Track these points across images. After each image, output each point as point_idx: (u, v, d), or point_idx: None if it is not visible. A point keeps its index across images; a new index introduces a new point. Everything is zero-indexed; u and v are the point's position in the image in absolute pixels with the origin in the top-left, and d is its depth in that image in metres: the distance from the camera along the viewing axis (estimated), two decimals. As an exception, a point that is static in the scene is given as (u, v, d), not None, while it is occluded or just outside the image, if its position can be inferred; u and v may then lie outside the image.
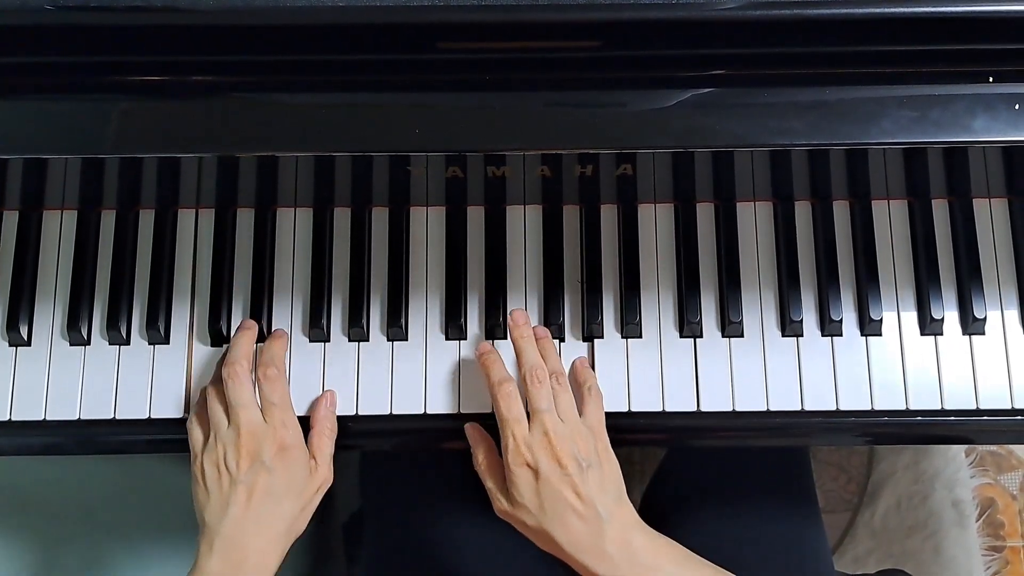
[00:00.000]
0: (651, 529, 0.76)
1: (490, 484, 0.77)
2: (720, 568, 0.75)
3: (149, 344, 0.83)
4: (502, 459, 0.76)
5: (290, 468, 0.76)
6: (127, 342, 0.83)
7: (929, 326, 0.82)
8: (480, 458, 0.78)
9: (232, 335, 0.83)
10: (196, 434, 0.78)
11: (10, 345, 0.83)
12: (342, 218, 0.86)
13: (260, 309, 0.83)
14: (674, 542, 0.75)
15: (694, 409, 0.81)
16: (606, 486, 0.74)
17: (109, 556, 1.02)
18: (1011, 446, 1.54)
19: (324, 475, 0.79)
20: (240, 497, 0.74)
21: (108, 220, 0.86)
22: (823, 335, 0.82)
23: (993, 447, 1.55)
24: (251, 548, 0.73)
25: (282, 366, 0.80)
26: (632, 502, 0.77)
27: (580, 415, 0.77)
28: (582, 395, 0.79)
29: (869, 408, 0.81)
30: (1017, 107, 0.63)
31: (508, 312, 0.82)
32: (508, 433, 0.75)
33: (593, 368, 0.82)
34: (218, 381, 0.78)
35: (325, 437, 0.79)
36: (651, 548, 0.74)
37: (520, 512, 0.74)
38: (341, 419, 0.82)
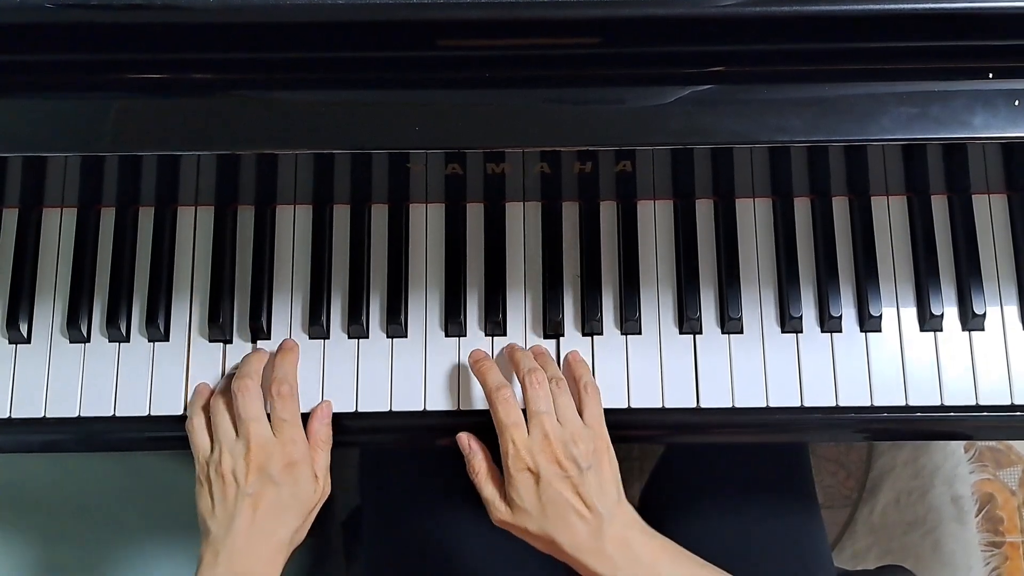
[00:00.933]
0: (649, 528, 0.76)
1: (487, 493, 0.77)
2: (717, 568, 0.75)
3: (149, 341, 0.83)
4: (497, 466, 0.77)
5: (296, 483, 0.76)
6: (127, 339, 0.83)
7: (929, 322, 0.82)
8: (476, 467, 0.78)
9: (232, 333, 0.84)
10: (201, 440, 0.78)
11: (10, 343, 0.83)
12: (341, 215, 0.85)
13: (259, 306, 0.83)
14: (671, 541, 0.76)
15: (694, 406, 0.81)
16: (606, 487, 0.75)
17: (109, 553, 1.02)
18: (1010, 442, 1.55)
19: (324, 488, 0.80)
20: (246, 510, 0.74)
21: (108, 218, 0.86)
22: (823, 331, 0.82)
23: (992, 443, 1.55)
24: (255, 558, 0.74)
25: (295, 383, 0.80)
26: (631, 499, 0.78)
27: (579, 414, 0.77)
28: (579, 393, 0.79)
29: (869, 404, 0.81)
30: (1016, 103, 0.63)
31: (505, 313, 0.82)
32: (508, 439, 0.75)
33: (593, 365, 0.82)
34: (225, 392, 0.79)
35: (321, 451, 0.80)
36: (649, 547, 0.74)
37: (520, 517, 0.74)
38: (340, 416, 0.82)
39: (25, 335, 0.83)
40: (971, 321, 0.82)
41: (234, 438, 0.77)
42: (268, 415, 0.78)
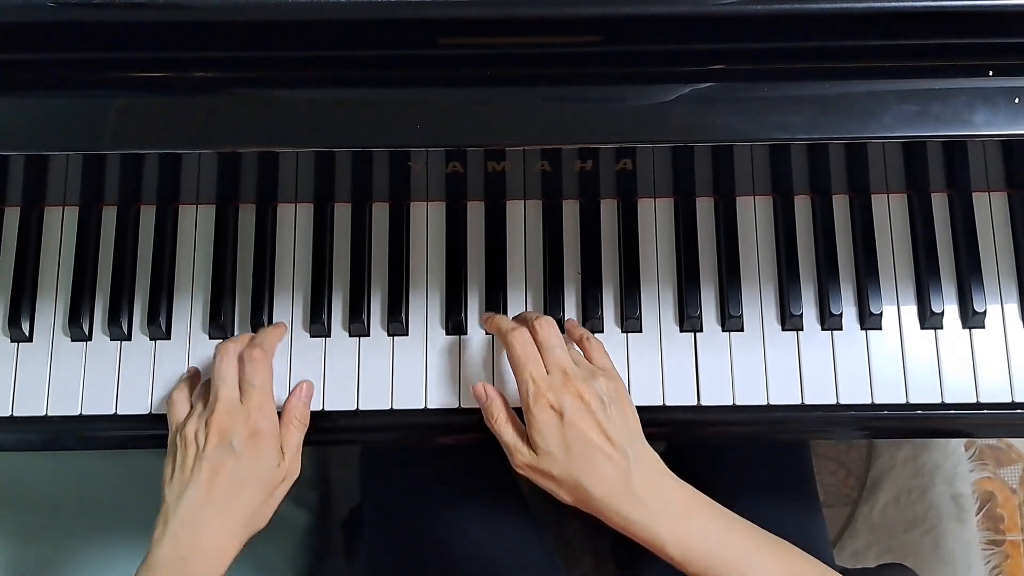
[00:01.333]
0: (682, 480, 0.73)
1: (508, 438, 0.74)
2: (749, 523, 0.72)
3: (150, 340, 0.83)
4: (517, 414, 0.74)
5: (258, 455, 0.74)
6: (128, 338, 0.83)
7: (929, 320, 0.82)
8: (494, 412, 0.75)
9: (234, 331, 0.84)
10: (178, 410, 0.77)
11: (12, 341, 0.83)
12: (342, 214, 0.86)
13: (261, 304, 0.83)
14: (706, 496, 0.72)
15: (694, 403, 0.82)
16: (630, 427, 0.72)
17: (109, 551, 1.02)
18: (1011, 440, 1.55)
19: (291, 468, 0.76)
20: (203, 476, 0.72)
21: (109, 216, 0.86)
22: (823, 329, 0.83)
23: (992, 441, 1.55)
24: (206, 533, 0.71)
25: (270, 351, 0.79)
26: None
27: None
28: (583, 345, 0.78)
29: (869, 402, 0.81)
30: (1017, 101, 0.63)
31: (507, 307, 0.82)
32: (527, 376, 0.72)
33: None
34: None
35: (293, 428, 0.78)
36: (684, 495, 0.71)
37: (545, 461, 0.71)
38: (342, 414, 0.82)
39: (27, 333, 0.83)
40: (971, 319, 0.82)
41: (205, 403, 0.76)
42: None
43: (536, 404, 0.71)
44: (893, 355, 0.82)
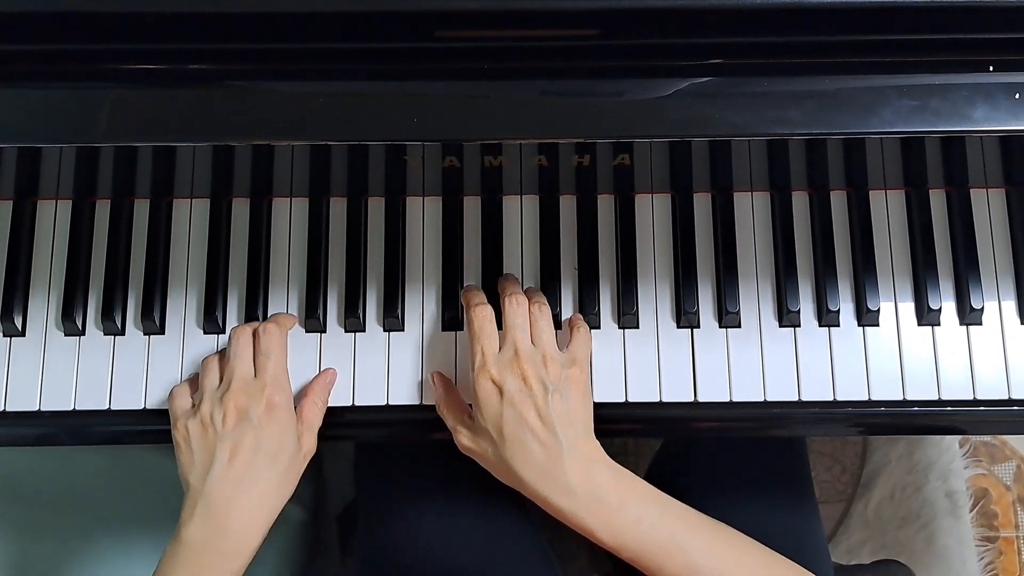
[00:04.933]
0: (618, 466, 0.73)
1: (451, 420, 0.76)
2: (687, 507, 0.73)
3: (144, 334, 0.83)
4: (464, 400, 0.76)
5: (278, 429, 0.74)
6: (122, 332, 0.83)
7: (926, 316, 0.82)
8: (441, 396, 0.78)
9: (228, 326, 0.83)
10: (180, 401, 0.77)
11: (4, 335, 0.83)
12: (338, 208, 0.85)
13: (256, 299, 0.83)
14: (641, 480, 0.73)
15: (691, 400, 0.81)
16: (572, 417, 0.72)
17: (102, 547, 1.02)
18: (1005, 436, 1.55)
19: (309, 444, 0.77)
20: (224, 454, 0.72)
21: (103, 210, 0.85)
22: (820, 325, 0.82)
23: (987, 438, 1.55)
24: (235, 510, 0.71)
25: (285, 328, 0.79)
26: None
27: (565, 348, 0.77)
28: (571, 333, 0.78)
29: (866, 399, 0.81)
30: (1017, 96, 0.63)
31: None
32: (478, 349, 0.73)
33: (590, 359, 0.82)
34: (215, 354, 0.79)
35: (317, 408, 0.78)
36: (616, 485, 0.71)
37: (481, 438, 0.73)
38: (337, 410, 0.81)
39: (20, 328, 0.83)
40: (969, 315, 0.82)
41: (216, 386, 0.76)
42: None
43: (479, 377, 0.72)
44: (890, 352, 0.82)
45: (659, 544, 0.70)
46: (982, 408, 0.81)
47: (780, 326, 0.82)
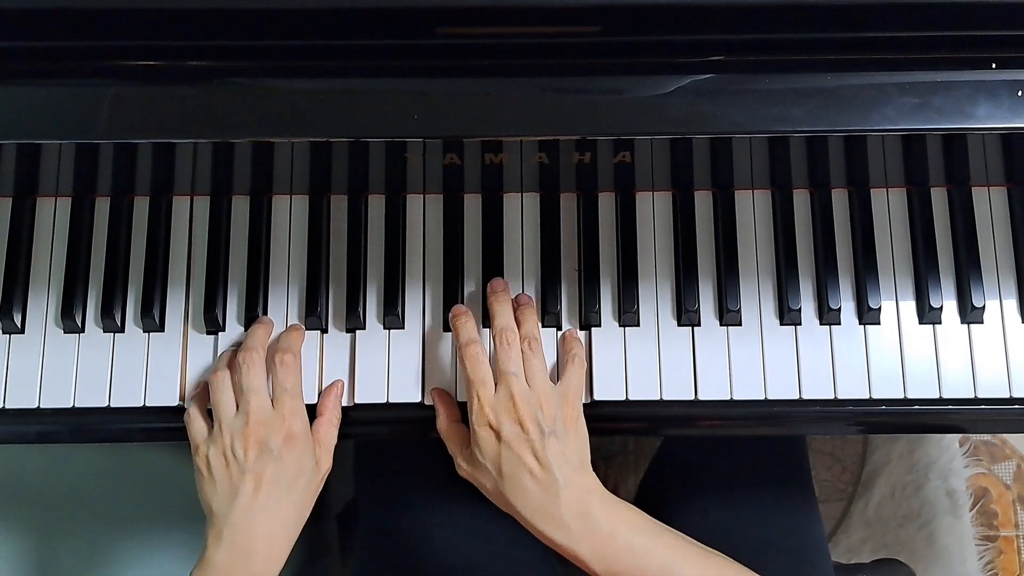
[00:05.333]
0: (613, 496, 0.75)
1: (451, 447, 0.78)
2: (681, 534, 0.75)
3: (144, 332, 0.83)
4: (465, 422, 0.77)
5: (297, 457, 0.76)
6: (122, 330, 0.83)
7: (928, 315, 0.82)
8: (442, 421, 0.79)
9: (228, 324, 0.83)
10: (198, 425, 0.78)
11: (4, 333, 0.83)
12: (338, 206, 0.85)
13: (255, 297, 0.83)
14: (636, 509, 0.75)
15: (691, 398, 0.81)
16: (568, 455, 0.74)
17: (104, 544, 1.02)
18: (1005, 436, 1.55)
19: (326, 464, 0.79)
20: (248, 486, 0.74)
21: (102, 207, 0.85)
22: (821, 324, 0.82)
23: (987, 437, 1.55)
24: (259, 535, 0.74)
25: (299, 355, 0.80)
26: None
27: (558, 380, 0.78)
28: (565, 362, 0.79)
29: (867, 397, 0.81)
30: (1020, 93, 0.63)
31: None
32: (473, 394, 0.75)
33: (590, 356, 0.82)
34: (222, 370, 0.78)
35: (332, 427, 0.80)
36: (610, 515, 0.73)
37: (480, 473, 0.75)
38: (337, 408, 0.81)
39: (19, 325, 0.82)
40: (970, 314, 0.82)
41: (233, 413, 0.76)
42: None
43: (478, 422, 0.74)
44: (891, 350, 0.82)
45: (651, 572, 0.72)
46: (983, 407, 0.81)
47: (781, 324, 0.82)
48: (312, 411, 0.80)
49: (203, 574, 0.73)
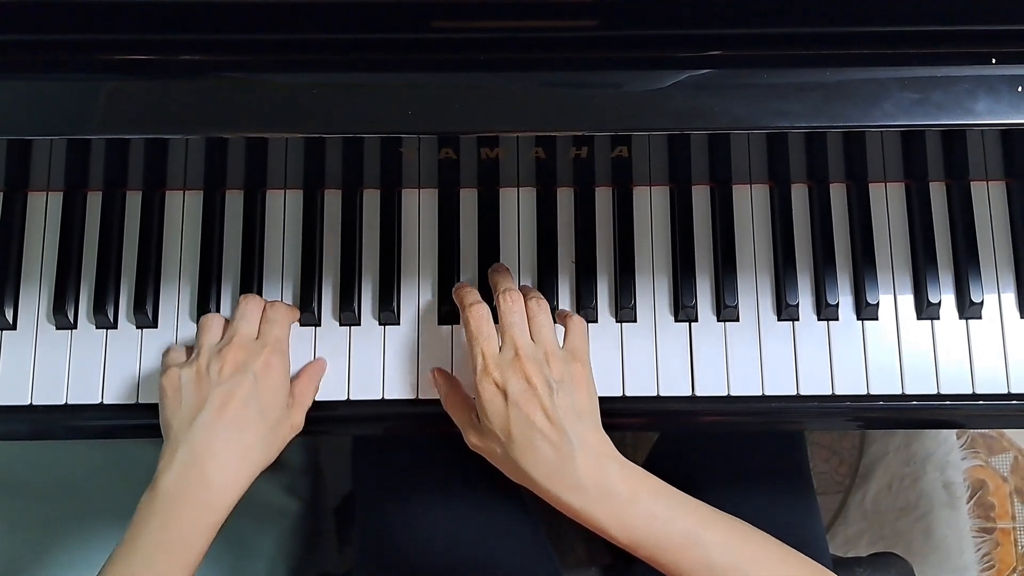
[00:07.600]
0: (630, 462, 0.72)
1: (458, 419, 0.75)
2: (700, 501, 0.72)
3: (137, 328, 0.82)
4: (469, 395, 0.75)
5: (274, 387, 0.74)
6: (114, 326, 0.82)
7: (926, 310, 0.81)
8: (445, 394, 0.77)
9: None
10: (175, 353, 0.77)
11: (-5, 329, 0.82)
12: (333, 201, 0.84)
13: (249, 293, 0.82)
14: (652, 475, 0.72)
15: (689, 394, 0.81)
16: (579, 411, 0.71)
17: (98, 540, 1.01)
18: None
19: (298, 419, 0.77)
20: (216, 400, 0.71)
21: (94, 202, 0.84)
22: (819, 319, 0.82)
23: (984, 430, 1.55)
24: (218, 459, 0.70)
25: (292, 311, 0.80)
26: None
27: (562, 341, 0.76)
28: (565, 328, 0.77)
29: (865, 392, 0.81)
30: (1020, 89, 0.62)
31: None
32: (477, 352, 0.72)
33: (588, 351, 0.81)
34: (216, 315, 0.79)
35: (312, 384, 0.79)
36: (629, 479, 0.70)
37: (489, 440, 0.71)
38: (332, 404, 0.81)
39: (10, 321, 0.82)
40: (968, 309, 0.81)
41: (217, 340, 0.75)
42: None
43: (482, 381, 0.71)
44: (889, 345, 0.81)
45: (674, 539, 0.69)
46: (981, 402, 0.81)
47: (779, 320, 0.82)
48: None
49: (150, 502, 0.69)
